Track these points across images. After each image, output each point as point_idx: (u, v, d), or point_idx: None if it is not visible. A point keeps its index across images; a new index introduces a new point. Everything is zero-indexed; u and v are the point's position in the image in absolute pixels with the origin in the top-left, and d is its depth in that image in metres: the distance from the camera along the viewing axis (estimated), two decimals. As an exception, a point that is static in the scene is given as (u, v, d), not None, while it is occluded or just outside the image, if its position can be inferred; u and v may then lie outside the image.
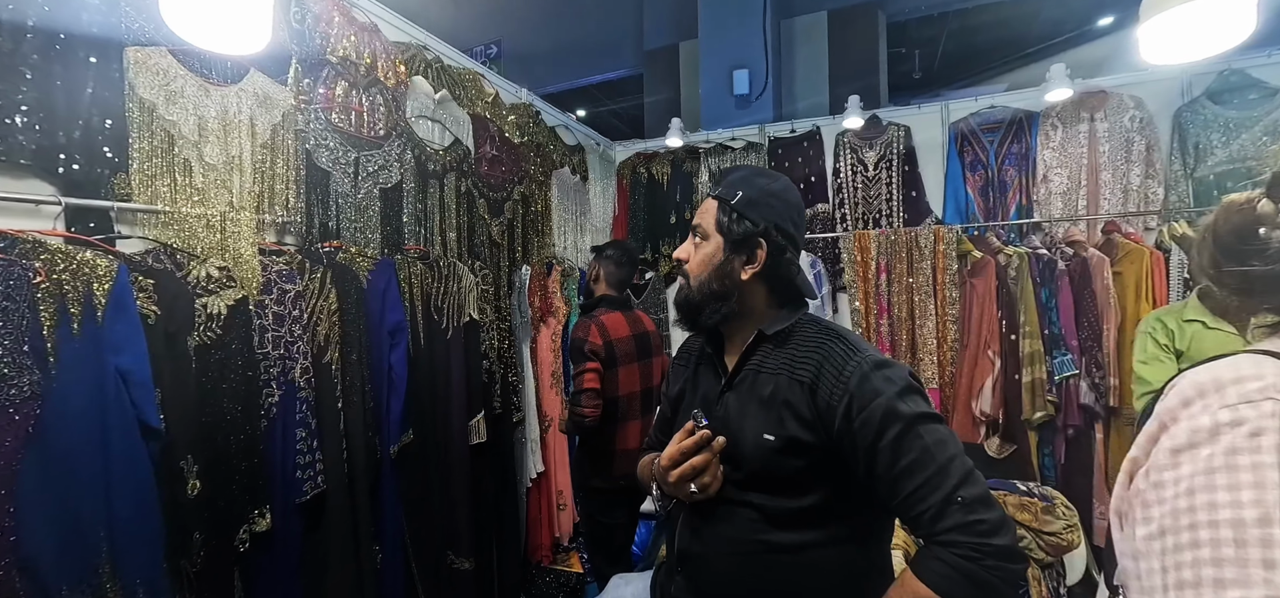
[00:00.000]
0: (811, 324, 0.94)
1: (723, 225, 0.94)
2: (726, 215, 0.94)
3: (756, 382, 0.92)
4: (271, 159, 1.59)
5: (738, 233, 0.93)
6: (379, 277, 1.83)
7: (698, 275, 0.95)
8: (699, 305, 0.95)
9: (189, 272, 1.37)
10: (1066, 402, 2.43)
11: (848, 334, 0.91)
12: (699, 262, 0.95)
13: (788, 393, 0.87)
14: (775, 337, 0.93)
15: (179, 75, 1.41)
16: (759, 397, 0.90)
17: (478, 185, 2.38)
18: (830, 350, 0.86)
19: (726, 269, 0.94)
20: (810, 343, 0.90)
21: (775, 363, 0.91)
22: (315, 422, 1.58)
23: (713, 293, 0.94)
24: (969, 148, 3.14)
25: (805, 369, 0.87)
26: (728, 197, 0.94)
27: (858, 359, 0.84)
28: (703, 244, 0.96)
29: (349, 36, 1.86)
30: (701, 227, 0.96)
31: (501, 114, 2.61)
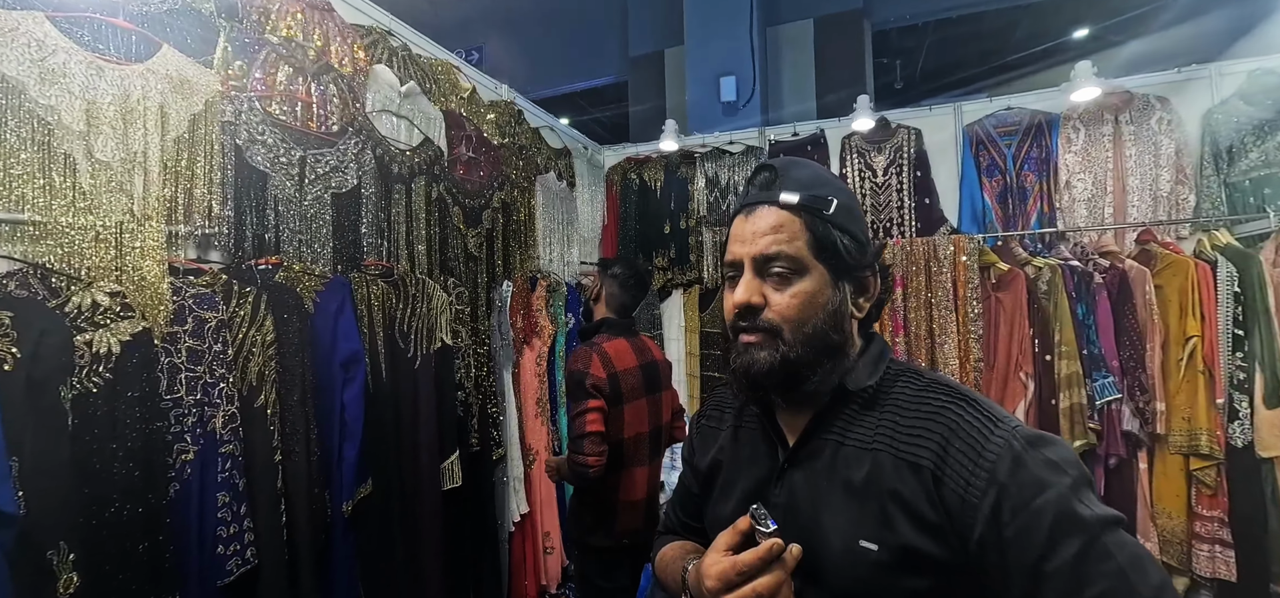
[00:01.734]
0: (910, 375, 0.68)
1: (825, 248, 0.65)
2: (825, 232, 0.66)
3: (838, 459, 0.65)
4: (189, 157, 1.29)
5: (851, 257, 0.67)
6: (330, 299, 1.53)
7: (802, 323, 0.65)
8: (807, 365, 0.65)
9: (67, 299, 1.07)
10: (1108, 429, 2.20)
11: (971, 394, 0.63)
12: (799, 304, 0.65)
13: (894, 480, 0.61)
14: (863, 394, 0.67)
15: (61, 48, 1.11)
16: (845, 482, 0.64)
17: (452, 191, 2.09)
18: (957, 419, 0.60)
19: (843, 310, 0.67)
20: (920, 405, 0.63)
21: (866, 432, 0.65)
22: (243, 482, 1.28)
23: (828, 347, 0.66)
24: (984, 152, 2.94)
25: (922, 446, 0.60)
26: (819, 206, 0.66)
27: (1003, 434, 0.57)
28: (795, 280, 0.65)
29: (294, 13, 1.57)
30: (786, 256, 0.65)
31: (479, 112, 2.32)
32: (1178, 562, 2.19)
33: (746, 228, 0.68)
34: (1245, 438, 2.08)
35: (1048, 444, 0.56)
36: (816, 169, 0.70)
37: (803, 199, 0.66)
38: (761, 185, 0.69)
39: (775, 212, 0.66)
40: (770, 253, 0.65)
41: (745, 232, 0.68)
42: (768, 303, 0.65)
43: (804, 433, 0.68)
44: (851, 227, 0.67)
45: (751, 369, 0.66)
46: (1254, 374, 2.07)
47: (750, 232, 0.67)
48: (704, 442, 0.83)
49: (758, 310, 0.66)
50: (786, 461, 0.69)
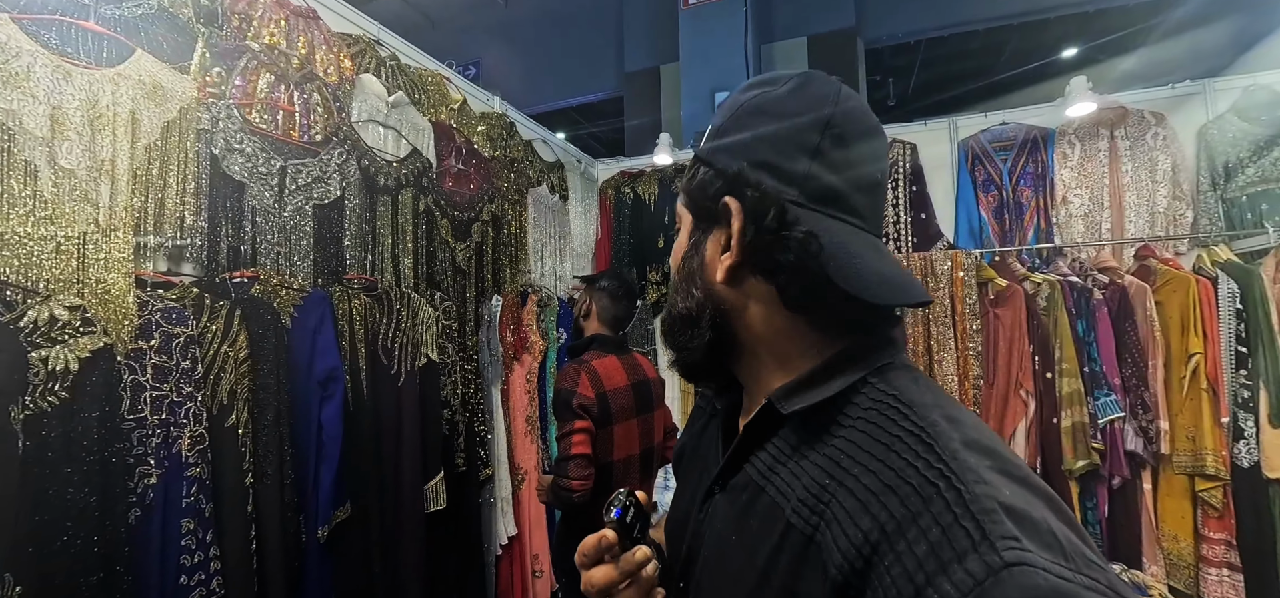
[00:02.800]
0: (886, 407, 0.41)
1: (689, 189, 0.52)
2: (692, 167, 0.53)
3: (754, 508, 0.45)
4: (161, 165, 1.24)
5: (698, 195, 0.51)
6: (308, 314, 1.47)
7: (672, 283, 0.56)
8: (668, 335, 0.54)
9: (22, 314, 1.01)
10: (1111, 448, 2.15)
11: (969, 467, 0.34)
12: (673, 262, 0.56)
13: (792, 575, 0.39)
14: (798, 418, 0.44)
15: (25, 51, 1.06)
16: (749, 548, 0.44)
17: (440, 203, 2.04)
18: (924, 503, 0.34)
19: (691, 265, 0.52)
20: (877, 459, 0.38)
21: (786, 482, 0.43)
22: (210, 506, 1.21)
23: (680, 310, 0.52)
24: (980, 166, 2.92)
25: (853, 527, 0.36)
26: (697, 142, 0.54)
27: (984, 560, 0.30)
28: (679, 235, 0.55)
29: (277, 20, 1.53)
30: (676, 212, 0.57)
31: (470, 123, 2.29)
32: (1186, 586, 2.13)
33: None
34: (1251, 458, 2.03)
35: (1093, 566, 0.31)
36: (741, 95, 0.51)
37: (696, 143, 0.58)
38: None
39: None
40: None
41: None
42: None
43: (731, 456, 0.50)
44: (716, 152, 0.49)
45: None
46: (1259, 393, 2.03)
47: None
48: (690, 425, 0.70)
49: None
50: (717, 479, 0.51)
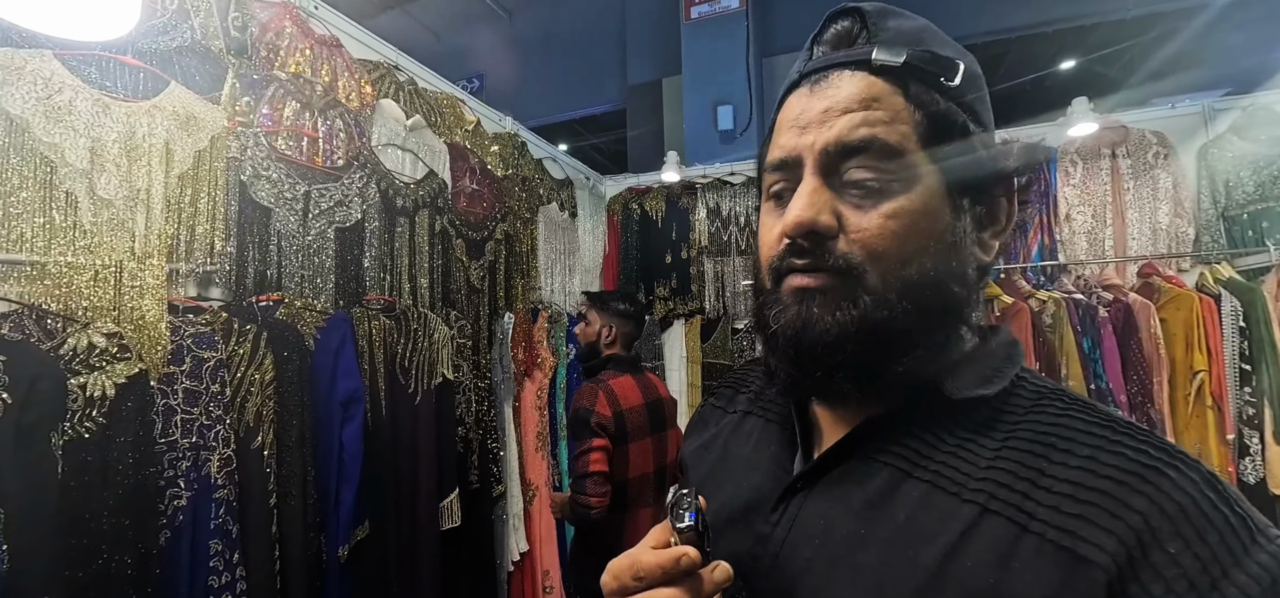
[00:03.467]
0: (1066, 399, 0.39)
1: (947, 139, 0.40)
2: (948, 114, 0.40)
3: (895, 497, 0.39)
4: (192, 193, 1.27)
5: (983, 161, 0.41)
6: (330, 335, 1.50)
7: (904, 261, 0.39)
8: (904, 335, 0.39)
9: (62, 341, 1.04)
10: (1118, 465, 2.17)
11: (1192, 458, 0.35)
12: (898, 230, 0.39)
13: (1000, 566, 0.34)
14: (970, 408, 0.40)
15: (67, 86, 1.10)
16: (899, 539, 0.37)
17: (455, 223, 2.08)
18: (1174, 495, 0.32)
19: (965, 247, 0.41)
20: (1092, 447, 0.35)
21: (963, 469, 0.38)
22: (237, 528, 1.23)
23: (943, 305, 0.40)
24: (984, 184, 2.96)
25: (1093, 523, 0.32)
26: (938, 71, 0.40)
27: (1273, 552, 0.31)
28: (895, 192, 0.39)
29: (303, 50, 1.57)
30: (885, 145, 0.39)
31: (484, 144, 2.33)
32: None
33: (813, 104, 0.41)
34: (1257, 475, 2.05)
35: None
36: (923, 20, 0.44)
37: (912, 56, 0.39)
38: (836, 39, 0.43)
39: (864, 77, 0.40)
40: (855, 142, 0.39)
41: (811, 110, 0.41)
42: (844, 226, 0.40)
43: (847, 439, 0.42)
44: (983, 111, 0.42)
45: (806, 335, 0.39)
46: (1263, 409, 2.06)
47: (820, 110, 0.41)
48: (702, 424, 0.60)
49: (826, 237, 0.39)
50: (803, 476, 0.43)
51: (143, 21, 1.22)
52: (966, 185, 0.41)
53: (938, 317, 0.40)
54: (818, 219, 0.39)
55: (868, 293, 0.39)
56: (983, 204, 0.42)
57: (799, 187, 0.41)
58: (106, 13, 0.76)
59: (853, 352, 0.39)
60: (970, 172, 0.40)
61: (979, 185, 0.42)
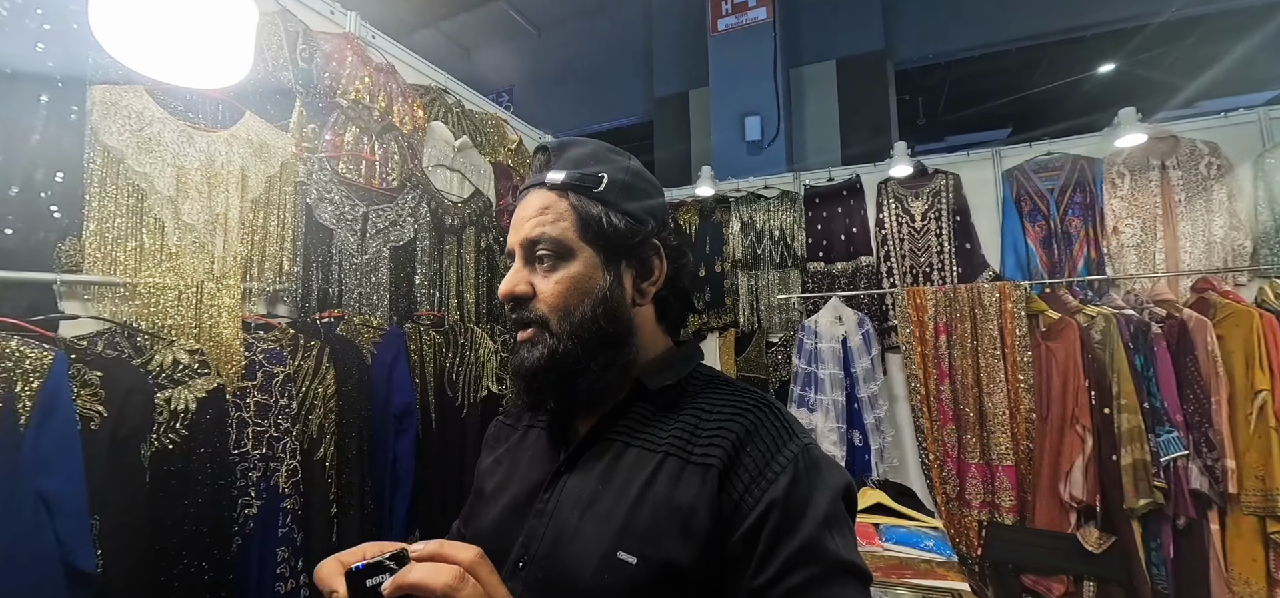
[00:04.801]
0: (722, 384, 0.63)
1: (593, 227, 0.60)
2: (595, 210, 0.60)
3: (620, 461, 0.59)
4: (264, 216, 1.35)
5: (622, 235, 0.60)
6: (386, 350, 1.56)
7: (569, 311, 0.59)
8: (579, 360, 0.59)
9: (150, 357, 1.10)
10: (1175, 487, 2.09)
11: (778, 405, 0.60)
12: (563, 290, 0.59)
13: (675, 488, 0.55)
14: (662, 394, 0.62)
15: (157, 119, 1.17)
16: (622, 486, 0.57)
17: (499, 240, 2.13)
18: (757, 424, 0.57)
19: (617, 296, 0.61)
20: (725, 407, 0.59)
21: (658, 434, 0.59)
22: (301, 536, 1.28)
23: (599, 337, 0.59)
24: (1026, 197, 2.90)
25: (716, 447, 0.56)
26: (587, 183, 0.60)
27: (794, 448, 0.55)
28: (561, 264, 0.60)
29: (362, 78, 1.64)
30: (549, 238, 0.60)
31: (526, 162, 2.38)
32: (1259, 633, 2.04)
33: (521, 211, 0.62)
34: (1327, 500, 1.96)
35: (828, 469, 0.55)
36: (596, 146, 0.65)
37: (569, 177, 0.60)
38: (536, 167, 0.65)
39: (543, 193, 0.61)
40: (534, 236, 0.60)
41: (520, 215, 0.62)
42: (536, 292, 0.60)
43: (589, 433, 0.62)
44: (626, 203, 0.61)
45: (522, 368, 0.60)
46: (1332, 431, 1.96)
47: (522, 217, 0.62)
48: (495, 441, 0.75)
49: (525, 301, 0.60)
50: (565, 463, 0.62)
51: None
52: (617, 254, 0.61)
53: (601, 346, 0.59)
54: (515, 289, 0.61)
55: (552, 336, 0.59)
56: (634, 265, 0.63)
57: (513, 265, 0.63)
58: (223, 64, 0.82)
59: (550, 378, 0.59)
60: (614, 245, 0.61)
61: (627, 253, 0.62)
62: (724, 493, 0.54)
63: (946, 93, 6.83)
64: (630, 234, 0.60)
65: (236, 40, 0.82)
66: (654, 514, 0.54)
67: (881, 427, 2.73)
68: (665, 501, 0.54)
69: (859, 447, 2.71)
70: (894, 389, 2.94)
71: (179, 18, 0.74)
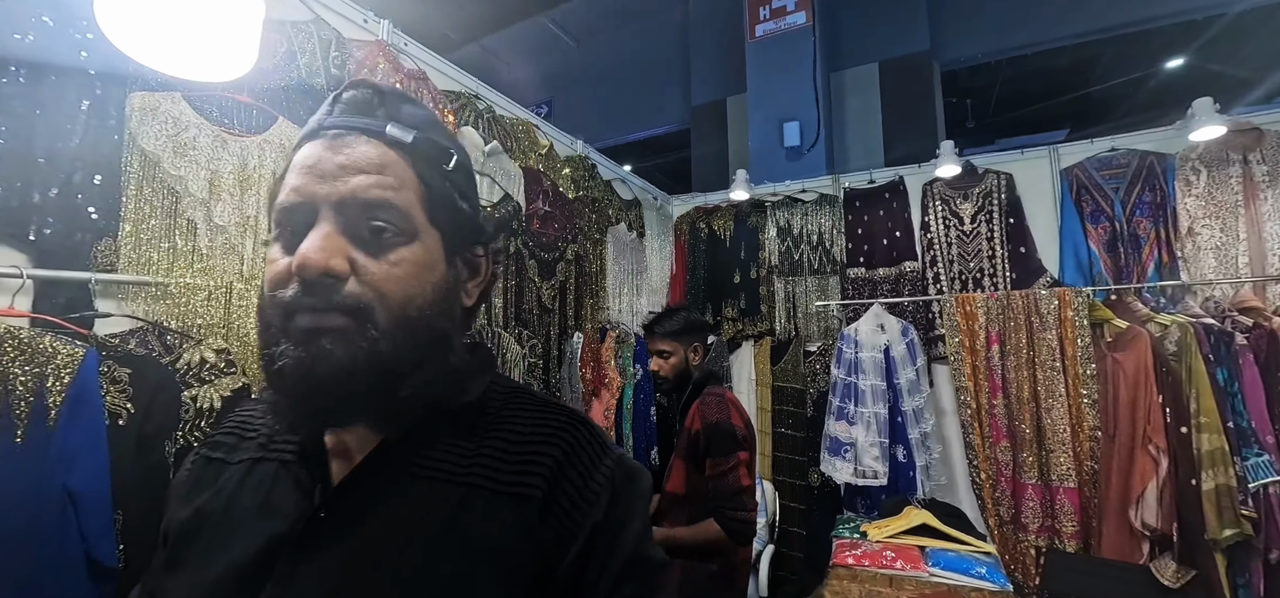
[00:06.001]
0: (526, 395, 0.55)
1: (442, 208, 0.50)
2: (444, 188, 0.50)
3: (409, 500, 0.46)
4: (293, 219, 1.36)
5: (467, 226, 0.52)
6: (412, 354, 1.55)
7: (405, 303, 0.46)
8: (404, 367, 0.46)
9: (179, 356, 1.12)
10: (1266, 517, 1.88)
11: (586, 417, 0.54)
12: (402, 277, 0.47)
13: (487, 524, 0.45)
14: (463, 413, 0.51)
15: (193, 124, 1.20)
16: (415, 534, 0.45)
17: (528, 245, 2.12)
18: (573, 443, 0.50)
19: (456, 294, 0.52)
20: (538, 427, 0.50)
21: (459, 462, 0.48)
22: (325, 538, 1.28)
23: (435, 341, 0.49)
24: (1088, 197, 2.70)
25: (534, 473, 0.47)
26: (440, 156, 0.50)
27: (609, 463, 0.51)
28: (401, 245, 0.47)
29: (394, 83, 1.66)
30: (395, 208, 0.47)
31: (556, 167, 2.38)
32: (1372, 686, 1.80)
33: (330, 157, 0.46)
34: None
35: (639, 476, 0.53)
36: (432, 113, 0.55)
37: (419, 140, 0.48)
38: (355, 106, 0.49)
39: (378, 146, 0.47)
40: (373, 200, 0.45)
41: (327, 162, 0.46)
42: (356, 270, 0.45)
43: (362, 466, 0.48)
44: (470, 192, 0.54)
45: (316, 371, 0.43)
46: None
47: (337, 164, 0.46)
48: (195, 486, 0.54)
49: (338, 280, 0.44)
50: (323, 507, 0.46)
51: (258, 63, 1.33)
52: (456, 245, 0.51)
53: (429, 348, 0.48)
54: (330, 263, 0.44)
55: (376, 329, 0.45)
56: (467, 261, 0.53)
57: (312, 230, 0.45)
58: (229, 57, 0.82)
59: (363, 382, 0.44)
60: (458, 235, 0.51)
61: (465, 245, 0.53)
62: (548, 522, 0.46)
63: (997, 94, 6.53)
64: (472, 226, 0.52)
65: (242, 33, 0.82)
66: (463, 561, 0.44)
67: (927, 442, 2.58)
68: (476, 542, 0.45)
69: (903, 463, 2.56)
70: (941, 402, 2.78)
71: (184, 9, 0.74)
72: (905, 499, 2.20)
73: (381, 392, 0.45)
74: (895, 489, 2.50)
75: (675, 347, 1.75)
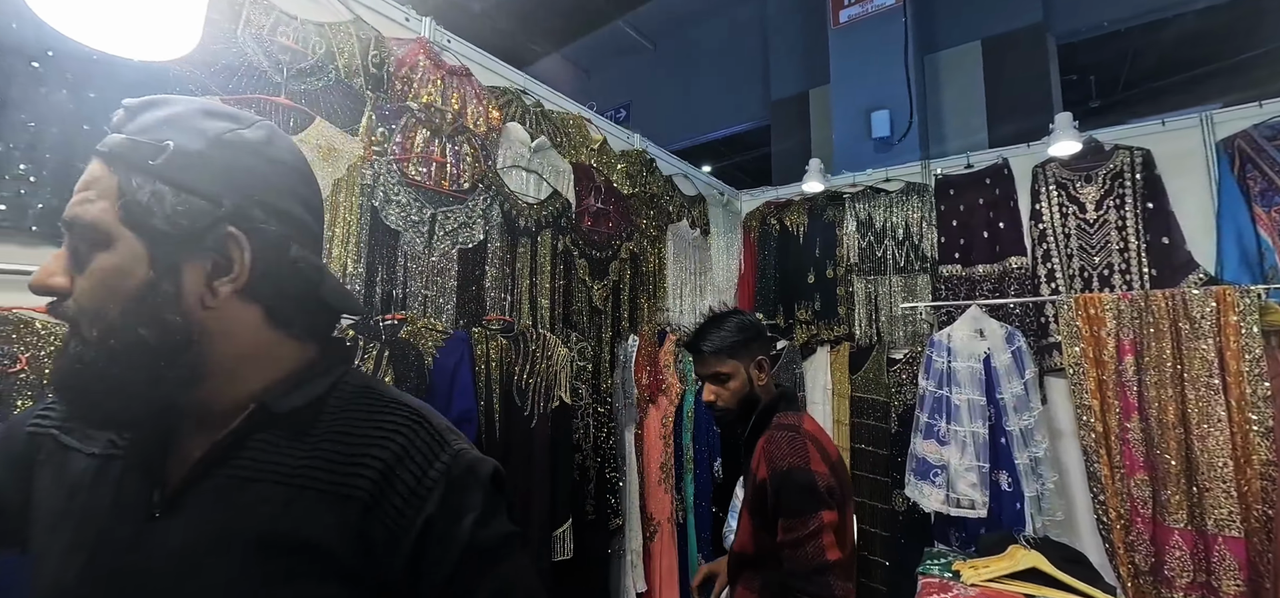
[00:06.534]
0: (371, 395, 0.55)
1: (136, 209, 0.47)
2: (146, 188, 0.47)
3: (240, 501, 0.49)
4: (330, 219, 1.37)
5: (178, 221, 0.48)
6: (448, 355, 1.52)
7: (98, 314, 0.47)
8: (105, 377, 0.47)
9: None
10: None
11: (435, 416, 0.56)
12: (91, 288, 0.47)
13: (309, 524, 0.48)
14: (292, 417, 0.52)
15: (232, 126, 1.23)
16: (244, 533, 0.48)
17: (578, 243, 2.05)
18: (408, 443, 0.52)
19: (158, 295, 0.48)
20: (371, 428, 0.52)
21: (290, 463, 0.50)
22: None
23: (137, 347, 0.47)
24: (1256, 172, 2.19)
25: (362, 474, 0.50)
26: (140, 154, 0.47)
27: (447, 458, 0.52)
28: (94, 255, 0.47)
29: (434, 80, 1.64)
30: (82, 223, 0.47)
31: (610, 162, 2.29)
32: None
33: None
34: None
35: (480, 466, 0.53)
36: (187, 106, 0.51)
37: (117, 144, 0.47)
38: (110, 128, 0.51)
39: (95, 163, 0.48)
40: (68, 218, 0.48)
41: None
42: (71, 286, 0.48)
43: (196, 466, 0.50)
44: (196, 180, 0.48)
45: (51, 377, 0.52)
46: None
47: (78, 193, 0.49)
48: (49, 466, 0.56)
49: (60, 295, 0.48)
50: (161, 506, 0.49)
51: (294, 62, 1.35)
52: (174, 244, 0.48)
53: (140, 360, 0.47)
54: (49, 280, 0.48)
55: (82, 340, 0.47)
56: (204, 258, 0.49)
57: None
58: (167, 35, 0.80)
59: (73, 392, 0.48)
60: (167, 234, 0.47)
61: (190, 243, 0.48)
62: (374, 522, 0.49)
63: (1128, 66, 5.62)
64: (192, 220, 0.48)
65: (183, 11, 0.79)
66: (287, 561, 0.47)
67: (1038, 469, 2.20)
68: (299, 542, 0.48)
69: (1007, 492, 2.20)
70: (1057, 422, 2.37)
71: None
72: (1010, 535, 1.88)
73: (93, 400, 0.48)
74: (998, 523, 2.16)
75: (734, 366, 1.32)
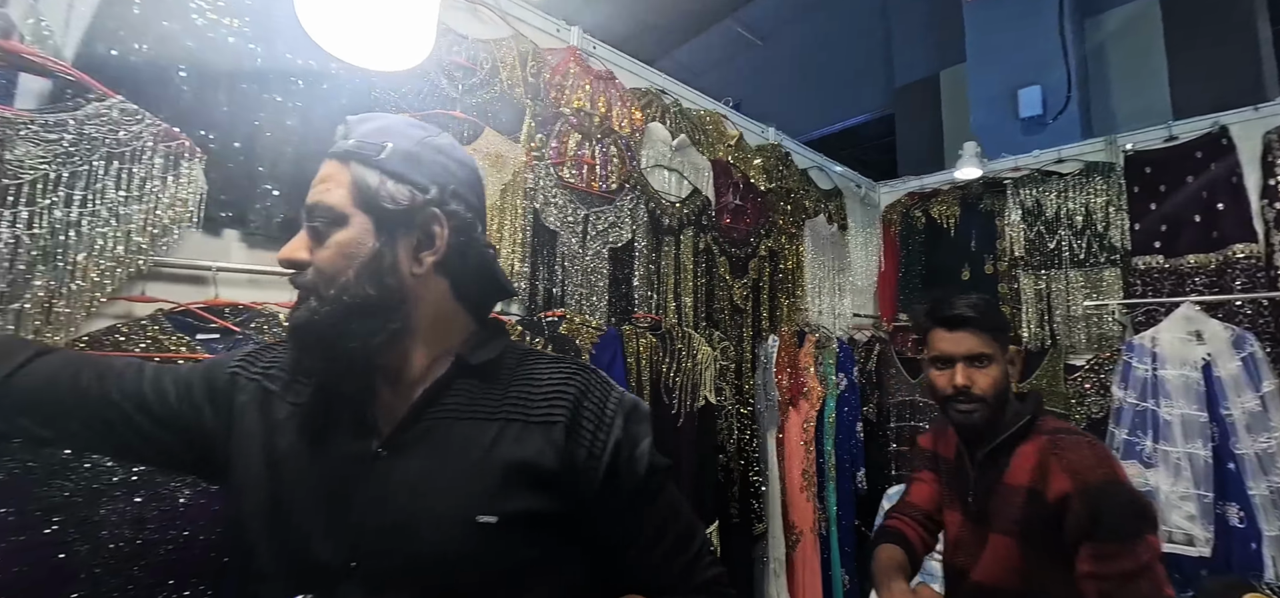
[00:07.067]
0: (538, 354, 0.70)
1: (366, 195, 0.60)
2: (372, 177, 0.60)
3: (453, 435, 0.61)
4: (499, 223, 1.45)
5: (397, 203, 0.60)
6: (603, 350, 1.55)
7: (333, 277, 0.59)
8: (337, 325, 0.58)
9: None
10: None
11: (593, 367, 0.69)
12: (330, 257, 0.59)
13: (520, 446, 0.60)
14: (483, 368, 0.64)
15: (419, 140, 1.35)
16: (462, 458, 0.60)
17: (718, 241, 2.01)
18: (586, 384, 0.64)
19: (382, 262, 0.60)
20: (553, 374, 0.65)
21: (490, 403, 0.62)
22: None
23: (365, 303, 0.59)
24: None
25: (557, 407, 0.62)
26: (366, 153, 0.60)
27: (618, 396, 0.65)
28: (332, 231, 0.59)
29: (583, 86, 1.70)
30: (323, 206, 0.60)
31: (746, 157, 2.23)
32: None
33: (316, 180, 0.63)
34: None
35: (640, 405, 0.67)
36: (392, 120, 0.64)
37: (350, 145, 0.61)
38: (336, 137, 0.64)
39: (329, 163, 0.62)
40: (310, 203, 0.61)
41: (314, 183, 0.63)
42: (311, 258, 0.60)
43: (411, 413, 0.62)
44: (410, 172, 0.61)
45: (288, 330, 0.62)
46: None
47: (314, 188, 0.62)
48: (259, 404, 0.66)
49: (301, 267, 0.60)
50: (383, 447, 0.60)
51: (467, 80, 1.45)
52: (393, 222, 0.61)
53: (363, 313, 0.59)
54: (292, 254, 0.61)
55: (317, 299, 0.60)
56: (413, 234, 0.62)
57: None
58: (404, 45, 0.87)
59: (309, 339, 0.60)
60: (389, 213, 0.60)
61: (404, 221, 0.61)
62: (574, 442, 0.61)
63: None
64: (408, 202, 0.60)
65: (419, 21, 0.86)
66: (505, 473, 0.59)
67: (1285, 501, 1.80)
68: (513, 459, 0.59)
69: (1239, 529, 1.83)
70: (1311, 444, 1.92)
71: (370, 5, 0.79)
72: (1244, 583, 1.57)
73: (325, 346, 0.59)
74: (1227, 565, 1.80)
75: (996, 349, 1.07)
